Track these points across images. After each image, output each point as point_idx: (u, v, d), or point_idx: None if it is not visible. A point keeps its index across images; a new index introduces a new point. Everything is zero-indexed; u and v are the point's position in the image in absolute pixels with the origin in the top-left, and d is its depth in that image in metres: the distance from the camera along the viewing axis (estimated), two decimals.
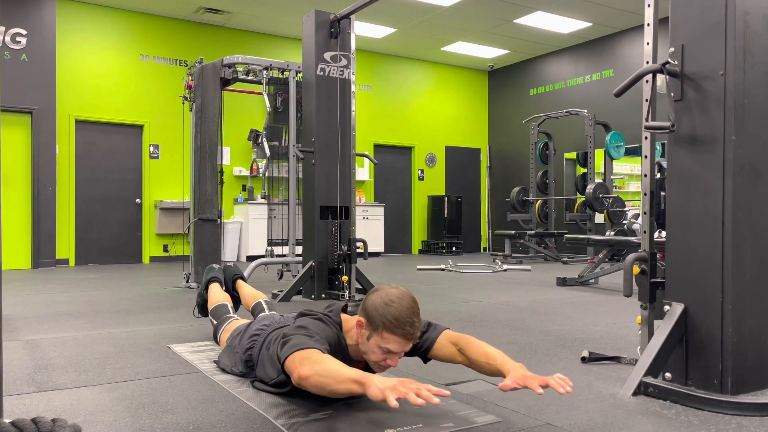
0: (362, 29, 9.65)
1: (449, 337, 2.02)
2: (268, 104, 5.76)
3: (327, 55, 5.08)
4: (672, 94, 2.30)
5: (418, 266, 8.03)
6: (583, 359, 2.75)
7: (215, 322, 2.83)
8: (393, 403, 1.43)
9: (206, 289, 3.18)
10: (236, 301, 3.22)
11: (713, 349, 2.15)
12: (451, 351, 1.99)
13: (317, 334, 1.87)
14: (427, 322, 2.08)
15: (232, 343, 2.49)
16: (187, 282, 5.69)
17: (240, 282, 3.24)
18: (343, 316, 2.03)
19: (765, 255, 2.22)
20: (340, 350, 1.95)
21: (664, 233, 2.43)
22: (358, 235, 5.24)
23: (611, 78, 10.05)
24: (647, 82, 2.39)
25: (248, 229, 9.24)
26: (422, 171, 11.70)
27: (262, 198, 6.17)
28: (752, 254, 2.19)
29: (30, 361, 2.73)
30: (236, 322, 2.70)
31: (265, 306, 2.89)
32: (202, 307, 3.21)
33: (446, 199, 11.25)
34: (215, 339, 2.77)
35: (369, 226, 10.35)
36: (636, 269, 2.40)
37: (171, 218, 9.00)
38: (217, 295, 3.06)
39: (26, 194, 7.92)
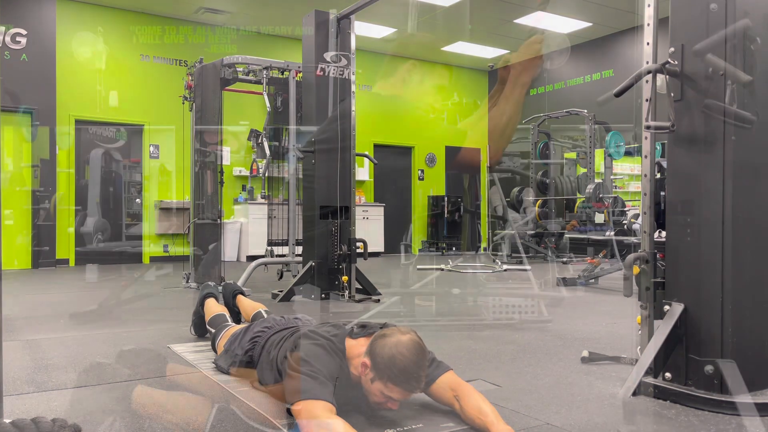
0: (362, 29, 9.65)
1: (450, 382, 1.98)
2: (268, 104, 5.76)
3: (327, 55, 5.08)
4: (672, 94, 2.30)
5: (418, 266, 8.02)
6: (583, 359, 2.75)
7: (213, 331, 2.84)
8: None
9: (202, 305, 3.18)
10: (237, 315, 3.24)
11: (713, 349, 2.15)
12: (448, 396, 1.96)
13: (321, 372, 1.80)
14: (432, 358, 2.02)
15: (230, 347, 2.49)
16: (187, 282, 5.69)
17: (240, 297, 3.27)
18: (348, 342, 1.98)
19: (765, 255, 2.22)
20: (342, 377, 1.93)
21: (664, 233, 2.42)
22: (358, 235, 5.23)
23: (611, 78, 10.04)
24: (647, 82, 2.39)
25: (248, 229, 9.24)
26: (422, 171, 11.69)
27: (262, 198, 6.16)
28: (752, 254, 2.19)
29: (30, 361, 2.73)
30: (234, 328, 2.71)
31: (264, 315, 2.90)
32: (199, 326, 3.22)
33: (446, 199, 11.24)
34: (213, 348, 2.77)
35: (369, 226, 10.35)
36: (636, 269, 2.40)
37: (171, 218, 9.00)
38: (213, 307, 3.07)
39: (26, 194, 7.92)
